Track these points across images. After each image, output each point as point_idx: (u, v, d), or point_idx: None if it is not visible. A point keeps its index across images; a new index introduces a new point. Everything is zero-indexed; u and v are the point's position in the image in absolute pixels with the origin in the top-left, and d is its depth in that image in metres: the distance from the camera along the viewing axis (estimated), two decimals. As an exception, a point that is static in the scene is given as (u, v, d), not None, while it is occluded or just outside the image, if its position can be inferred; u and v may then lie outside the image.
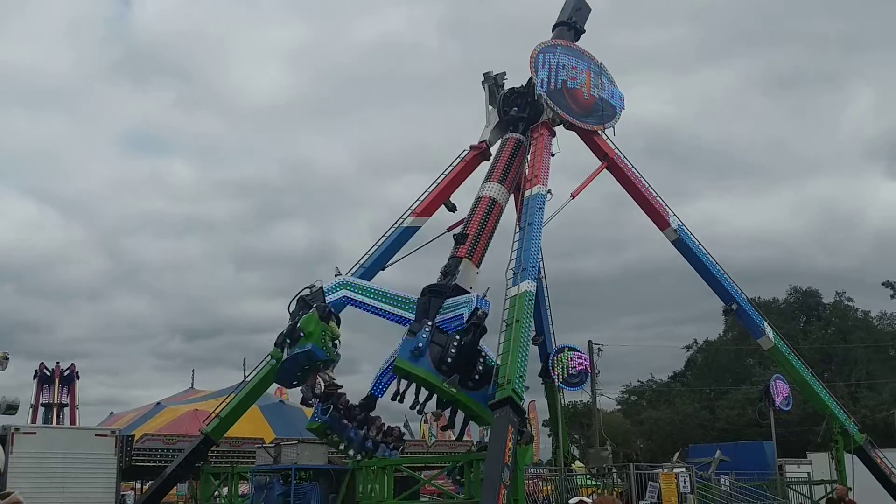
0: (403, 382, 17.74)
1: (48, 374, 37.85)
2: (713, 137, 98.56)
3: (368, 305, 19.05)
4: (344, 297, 18.92)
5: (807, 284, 65.41)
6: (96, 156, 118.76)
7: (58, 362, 38.42)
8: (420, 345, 16.94)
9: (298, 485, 18.41)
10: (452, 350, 16.93)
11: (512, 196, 22.80)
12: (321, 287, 18.76)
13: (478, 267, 20.59)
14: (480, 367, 17.17)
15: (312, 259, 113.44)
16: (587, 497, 4.83)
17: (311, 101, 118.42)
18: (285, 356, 17.69)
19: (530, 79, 23.51)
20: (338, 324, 18.10)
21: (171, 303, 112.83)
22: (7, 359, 39.89)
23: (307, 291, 18.72)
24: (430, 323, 17.45)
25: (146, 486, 26.28)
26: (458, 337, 17.23)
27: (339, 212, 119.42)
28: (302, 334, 17.31)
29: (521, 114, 23.24)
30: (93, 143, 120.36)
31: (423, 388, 17.40)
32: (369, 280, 22.02)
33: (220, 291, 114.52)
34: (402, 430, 20.15)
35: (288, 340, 17.67)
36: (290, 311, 18.54)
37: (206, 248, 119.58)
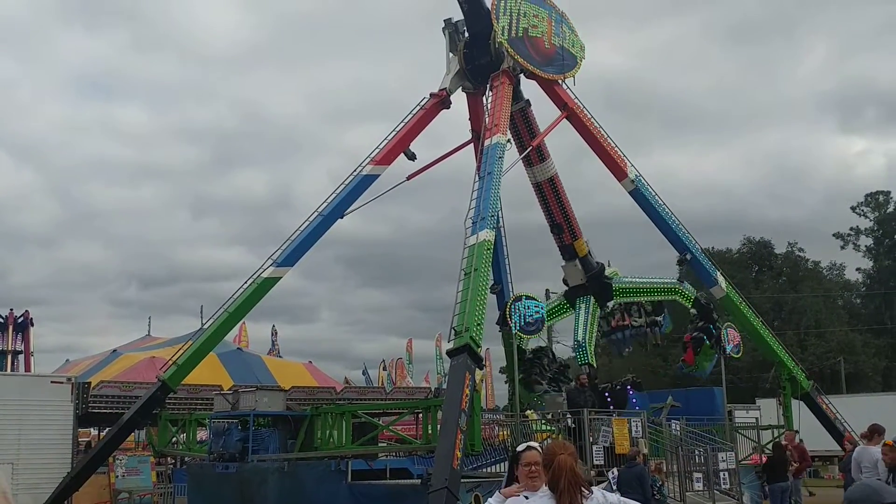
0: None
1: (1, 320, 37.40)
2: (668, 90, 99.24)
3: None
4: None
5: (759, 235, 66.53)
6: (47, 100, 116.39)
7: (11, 309, 37.96)
8: None
9: (257, 431, 18.51)
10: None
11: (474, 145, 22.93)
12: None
13: (584, 238, 25.38)
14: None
15: (271, 206, 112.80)
16: (536, 443, 5.00)
17: (268, 46, 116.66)
18: None
19: (490, 25, 23.32)
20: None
21: (126, 250, 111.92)
22: None
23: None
24: None
25: (103, 433, 26.24)
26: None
27: (297, 159, 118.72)
28: None
29: (479, 61, 23.17)
30: (44, 86, 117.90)
31: None
32: (328, 228, 22.06)
33: (176, 239, 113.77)
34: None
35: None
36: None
37: (161, 195, 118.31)
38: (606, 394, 23.19)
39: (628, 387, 24.24)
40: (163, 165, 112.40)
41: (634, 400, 23.41)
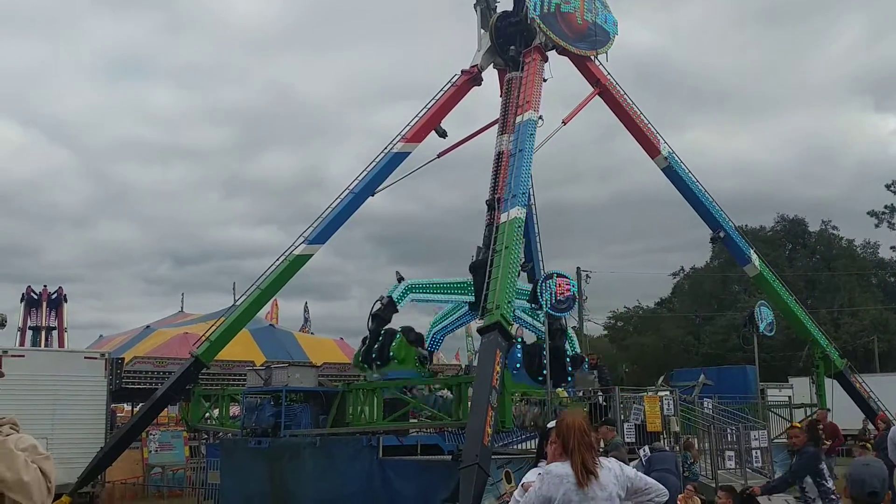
0: None
1: (35, 297, 37.79)
2: (700, 67, 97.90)
3: (432, 300, 21.13)
4: (411, 300, 20.56)
5: (793, 213, 65.79)
6: (80, 81, 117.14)
7: (45, 286, 38.39)
8: (518, 365, 18.90)
9: (289, 406, 18.63)
10: (545, 360, 18.52)
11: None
12: (390, 298, 20.19)
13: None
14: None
15: (301, 186, 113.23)
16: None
17: (298, 27, 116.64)
18: (377, 374, 19.67)
19: (523, 2, 23.11)
20: (421, 344, 20.23)
21: (159, 229, 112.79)
22: None
23: (378, 306, 20.34)
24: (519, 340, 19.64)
25: (136, 408, 26.57)
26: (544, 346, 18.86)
27: (327, 140, 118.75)
28: (395, 360, 19.52)
29: (519, 49, 22.85)
30: (76, 68, 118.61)
31: None
32: (358, 206, 22.09)
33: (207, 218, 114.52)
34: None
35: (378, 363, 19.76)
36: (370, 328, 20.36)
37: (192, 175, 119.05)
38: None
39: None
40: (194, 146, 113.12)
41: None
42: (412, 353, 19.63)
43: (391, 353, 19.63)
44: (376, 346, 19.89)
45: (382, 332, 20.05)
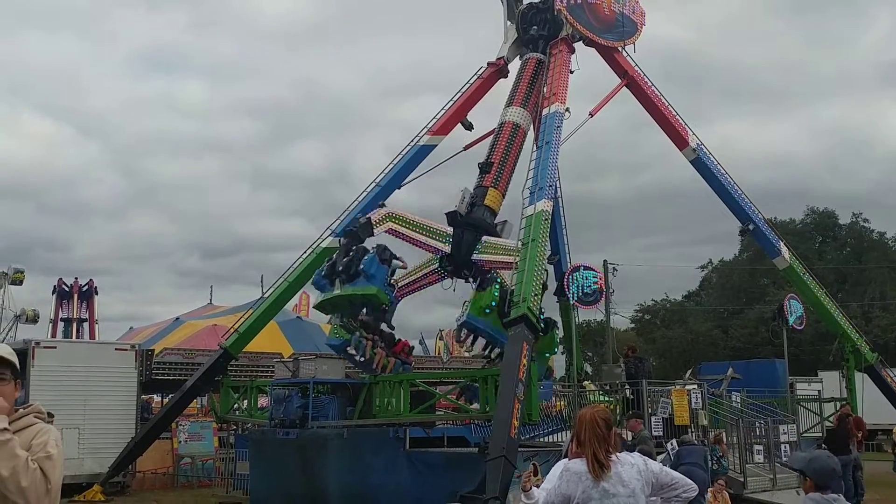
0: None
1: (67, 289, 38.30)
2: (728, 60, 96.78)
3: (408, 237, 19.36)
4: (390, 229, 19.13)
5: (823, 206, 65.15)
6: (111, 75, 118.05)
7: (76, 278, 38.88)
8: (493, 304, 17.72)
9: (317, 398, 18.73)
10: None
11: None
12: (369, 219, 18.94)
13: (503, 195, 20.86)
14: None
15: (328, 179, 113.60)
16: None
17: (325, 21, 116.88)
18: (339, 291, 18.00)
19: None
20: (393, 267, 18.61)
21: (188, 222, 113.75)
22: (22, 273, 40.30)
23: (355, 225, 19.01)
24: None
25: (166, 399, 26.82)
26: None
27: (354, 133, 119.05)
28: (363, 276, 17.70)
29: (540, 32, 22.82)
30: (108, 63, 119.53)
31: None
32: (385, 199, 22.09)
33: (236, 211, 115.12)
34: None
35: (343, 276, 17.95)
36: (341, 243, 18.95)
37: (221, 168, 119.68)
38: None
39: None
40: (223, 140, 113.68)
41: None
42: (382, 272, 18.04)
43: (361, 267, 17.85)
44: (345, 259, 18.22)
45: (354, 248, 18.49)
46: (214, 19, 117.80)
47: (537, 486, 5.26)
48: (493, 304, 17.78)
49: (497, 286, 18.05)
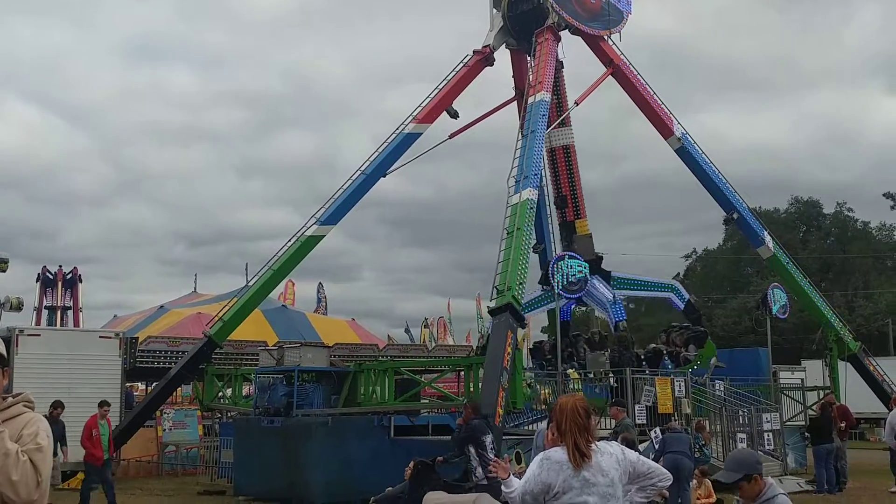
0: None
1: (51, 277, 38.05)
2: (715, 51, 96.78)
3: None
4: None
5: (808, 195, 65.35)
6: (99, 64, 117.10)
7: (60, 266, 38.63)
8: None
9: (301, 386, 18.71)
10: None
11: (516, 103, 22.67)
12: None
13: (585, 219, 24.64)
14: None
15: (315, 168, 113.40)
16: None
17: (313, 10, 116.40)
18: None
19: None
20: None
21: (174, 211, 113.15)
22: (6, 262, 40.11)
23: None
24: None
25: (150, 387, 26.74)
26: None
27: (341, 122, 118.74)
28: None
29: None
30: (95, 51, 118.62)
31: None
32: (371, 187, 22.08)
33: (222, 200, 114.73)
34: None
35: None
36: None
37: (208, 157, 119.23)
38: (642, 356, 23.07)
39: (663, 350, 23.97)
40: (210, 129, 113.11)
41: (669, 365, 23.17)
42: None
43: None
44: None
45: None
46: (202, 8, 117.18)
47: (518, 477, 5.25)
48: None
49: None
